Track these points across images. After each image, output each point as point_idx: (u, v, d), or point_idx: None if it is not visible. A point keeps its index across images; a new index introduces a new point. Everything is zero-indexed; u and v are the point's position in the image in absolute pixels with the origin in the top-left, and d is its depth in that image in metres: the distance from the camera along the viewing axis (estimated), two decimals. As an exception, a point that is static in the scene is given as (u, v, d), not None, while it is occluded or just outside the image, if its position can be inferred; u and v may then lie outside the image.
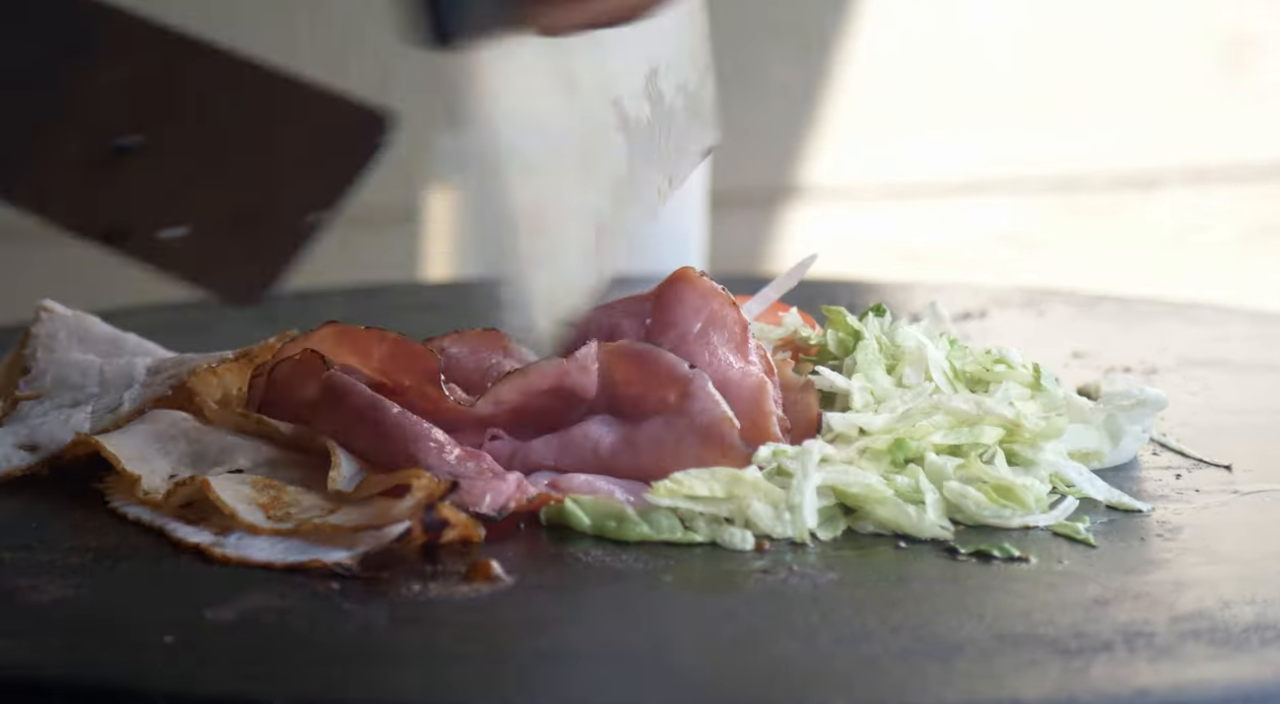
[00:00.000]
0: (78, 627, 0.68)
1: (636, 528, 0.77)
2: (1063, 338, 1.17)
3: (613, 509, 0.77)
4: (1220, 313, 1.25)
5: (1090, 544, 0.78)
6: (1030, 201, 2.18)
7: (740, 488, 0.78)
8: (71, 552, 0.75)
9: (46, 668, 0.64)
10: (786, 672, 0.65)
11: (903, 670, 0.65)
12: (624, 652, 0.67)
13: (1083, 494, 0.82)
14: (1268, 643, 0.67)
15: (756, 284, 0.94)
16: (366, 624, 0.68)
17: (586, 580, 0.73)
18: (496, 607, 0.70)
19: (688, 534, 0.77)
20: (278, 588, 0.71)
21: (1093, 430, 0.86)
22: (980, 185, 2.17)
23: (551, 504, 0.78)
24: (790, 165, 2.12)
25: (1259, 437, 0.94)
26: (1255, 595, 0.72)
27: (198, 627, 0.68)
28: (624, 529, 0.77)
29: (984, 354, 0.87)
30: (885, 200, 2.15)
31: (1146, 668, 0.65)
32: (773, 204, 2.11)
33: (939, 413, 0.83)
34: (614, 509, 0.77)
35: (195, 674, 0.64)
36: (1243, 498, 0.84)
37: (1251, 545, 0.78)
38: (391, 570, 0.73)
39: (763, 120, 2.09)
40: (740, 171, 2.06)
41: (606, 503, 0.78)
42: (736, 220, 2.07)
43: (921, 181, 2.16)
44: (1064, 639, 0.67)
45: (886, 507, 0.78)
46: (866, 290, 1.31)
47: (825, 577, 0.74)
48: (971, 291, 1.32)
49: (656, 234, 1.67)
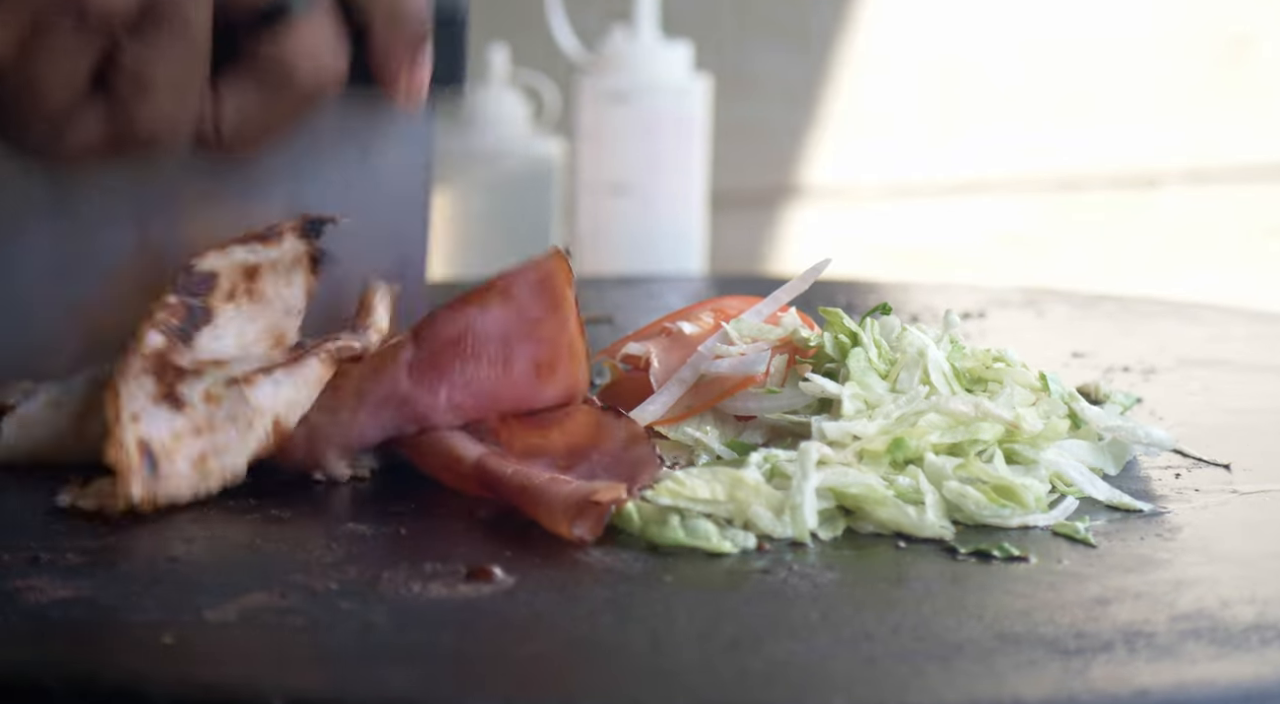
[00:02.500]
0: (78, 627, 0.68)
1: (674, 533, 0.76)
2: (1062, 338, 1.17)
3: (656, 514, 0.77)
4: (1220, 313, 1.25)
5: (1090, 544, 0.78)
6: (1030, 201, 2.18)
7: (742, 490, 0.78)
8: (71, 552, 0.75)
9: (46, 668, 0.64)
10: (786, 671, 0.65)
11: (903, 670, 0.65)
12: (624, 652, 0.67)
13: (1083, 494, 0.82)
14: (1268, 642, 0.67)
15: (757, 284, 0.94)
16: (366, 624, 0.68)
17: (586, 580, 0.73)
18: (497, 607, 0.70)
19: (720, 543, 0.76)
20: (278, 588, 0.71)
21: (1099, 451, 0.86)
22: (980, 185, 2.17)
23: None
24: (790, 165, 2.12)
25: (1259, 436, 0.94)
26: (1255, 595, 0.72)
27: (197, 627, 0.68)
28: (664, 533, 0.76)
29: (984, 353, 0.87)
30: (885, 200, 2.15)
31: (1146, 668, 0.65)
32: (773, 204, 2.11)
33: (935, 414, 0.83)
34: (658, 514, 0.77)
35: (195, 674, 0.64)
36: (1242, 497, 0.84)
37: (1251, 545, 0.78)
38: (392, 570, 0.73)
39: (763, 120, 2.09)
40: (740, 171, 2.06)
41: (652, 508, 0.77)
42: (736, 220, 2.07)
43: (921, 181, 2.16)
44: (1064, 639, 0.67)
45: (886, 507, 0.78)
46: (866, 290, 1.31)
47: (825, 576, 0.74)
48: (971, 291, 1.32)
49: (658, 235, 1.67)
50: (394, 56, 0.83)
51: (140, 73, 0.78)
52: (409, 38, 0.83)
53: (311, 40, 0.81)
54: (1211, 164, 2.20)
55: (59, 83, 0.77)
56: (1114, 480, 0.84)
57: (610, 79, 1.67)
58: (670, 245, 1.67)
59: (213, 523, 0.80)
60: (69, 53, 0.76)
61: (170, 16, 0.77)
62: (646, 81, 1.67)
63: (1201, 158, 2.20)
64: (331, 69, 0.82)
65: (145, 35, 0.77)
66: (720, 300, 0.94)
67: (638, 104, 1.66)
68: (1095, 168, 2.18)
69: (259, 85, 0.81)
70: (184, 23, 0.77)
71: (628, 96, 1.67)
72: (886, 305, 0.90)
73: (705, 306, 0.94)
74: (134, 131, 0.79)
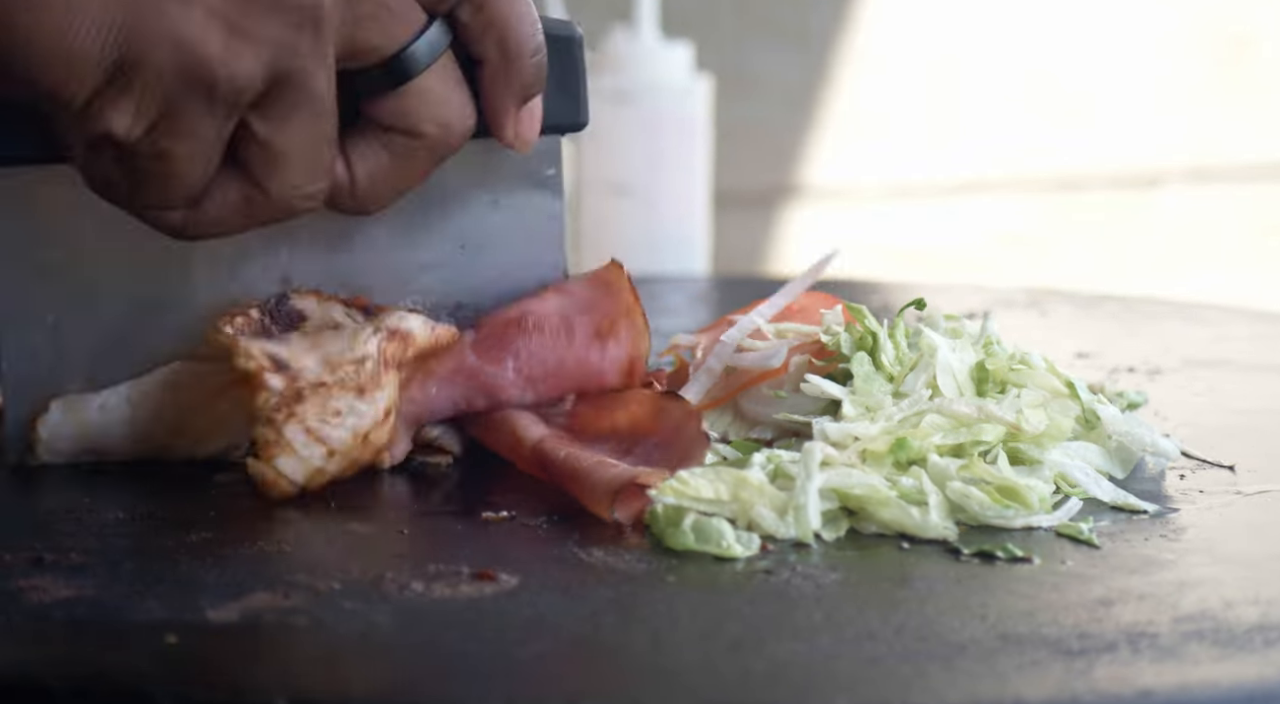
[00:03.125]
0: (79, 627, 0.68)
1: (684, 539, 0.76)
2: (1066, 338, 1.17)
3: (675, 515, 0.77)
4: (1223, 313, 1.25)
5: (1093, 545, 0.78)
6: (1031, 201, 2.18)
7: (746, 491, 0.78)
8: (72, 552, 0.75)
9: (49, 668, 0.64)
10: (789, 672, 0.65)
11: (906, 671, 0.65)
12: (626, 652, 0.67)
13: (1087, 495, 0.82)
14: (1271, 643, 0.67)
15: (758, 285, 0.94)
16: (368, 624, 0.68)
17: (588, 580, 0.73)
18: (498, 607, 0.70)
19: (731, 547, 0.76)
20: (280, 588, 0.71)
21: (1107, 454, 0.86)
22: (980, 185, 2.17)
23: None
24: (790, 165, 2.12)
25: (1262, 437, 0.94)
26: (1259, 596, 0.72)
27: (200, 627, 0.68)
28: (674, 537, 0.76)
29: (1008, 356, 0.87)
30: (885, 200, 2.15)
31: (1150, 668, 0.65)
32: (773, 204, 2.11)
33: (937, 415, 0.82)
34: (676, 515, 0.77)
35: (197, 674, 0.64)
36: (1246, 498, 0.84)
37: (1255, 546, 0.78)
38: (395, 570, 0.73)
39: (763, 120, 2.09)
40: (740, 171, 2.06)
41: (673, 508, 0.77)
42: (737, 220, 2.07)
43: (921, 181, 2.16)
44: (1067, 640, 0.67)
45: (890, 508, 0.78)
46: (866, 290, 1.31)
47: (828, 577, 0.74)
48: (974, 291, 1.32)
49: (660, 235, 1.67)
50: (504, 99, 0.83)
51: (270, 145, 0.78)
52: (520, 81, 0.82)
53: (435, 98, 0.81)
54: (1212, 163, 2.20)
55: (193, 162, 0.77)
56: (1118, 481, 0.84)
57: (611, 79, 1.67)
58: (673, 246, 1.67)
59: (215, 523, 0.80)
60: (201, 131, 0.76)
61: (297, 87, 0.77)
62: (647, 82, 1.67)
63: (1202, 157, 2.20)
64: (458, 124, 0.82)
65: (273, 109, 0.77)
66: None
67: (639, 104, 1.66)
68: (1096, 168, 2.18)
69: (388, 147, 0.81)
70: (310, 93, 0.77)
71: (629, 97, 1.66)
72: (921, 301, 0.90)
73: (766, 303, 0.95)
74: (269, 204, 0.79)
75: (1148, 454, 0.87)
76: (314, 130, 0.78)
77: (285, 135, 0.78)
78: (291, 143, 0.78)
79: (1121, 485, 0.84)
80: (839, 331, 0.87)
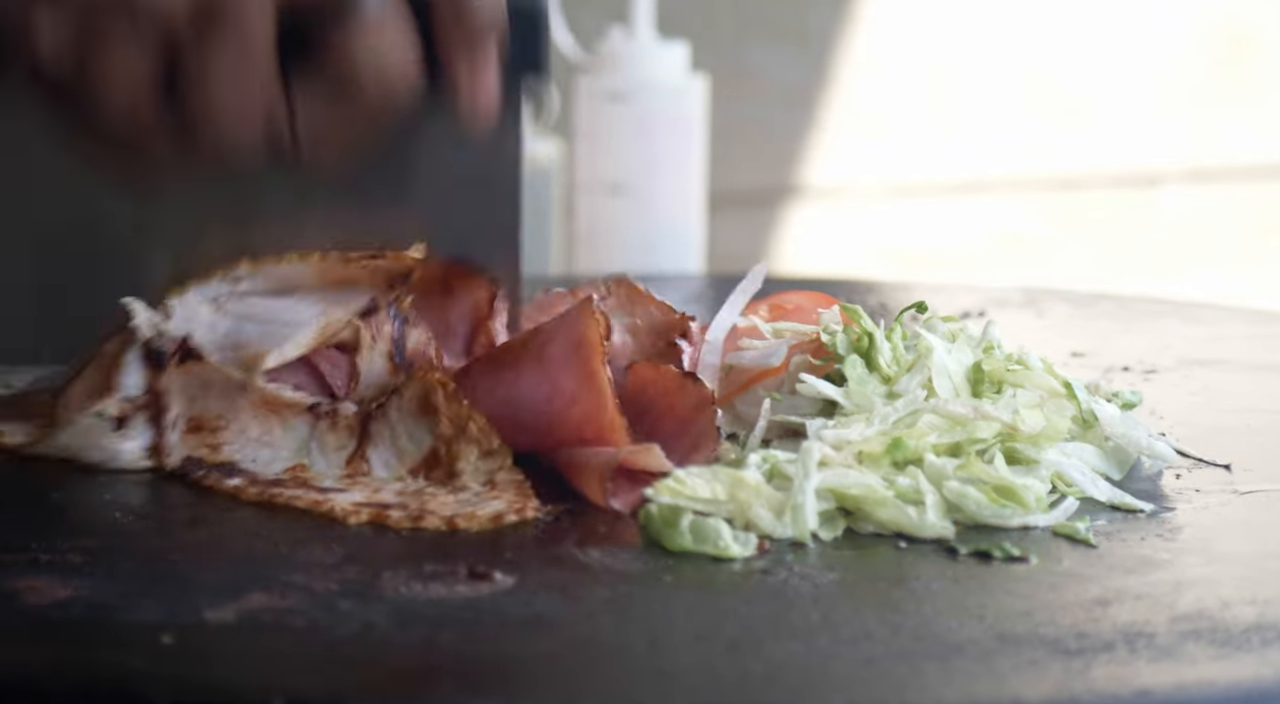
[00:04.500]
0: (77, 627, 0.68)
1: (681, 540, 0.76)
2: (1062, 337, 1.17)
3: (672, 515, 0.77)
4: (1220, 312, 1.25)
5: (1090, 544, 0.78)
6: (1030, 201, 2.18)
7: (743, 491, 0.78)
8: (71, 552, 0.75)
9: (46, 668, 0.64)
10: (786, 672, 0.65)
11: (903, 670, 0.65)
12: (623, 652, 0.67)
13: (1084, 494, 0.82)
14: (1268, 643, 0.67)
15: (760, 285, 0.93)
16: (365, 624, 0.68)
17: (586, 581, 0.73)
18: (496, 607, 0.70)
19: (729, 548, 0.76)
20: (277, 588, 0.71)
21: (1103, 455, 0.86)
22: (980, 185, 2.17)
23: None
24: (790, 165, 2.12)
25: (1259, 436, 0.94)
26: (1256, 595, 0.72)
27: (197, 627, 0.68)
28: (671, 538, 0.76)
29: (1005, 356, 0.87)
30: (885, 200, 2.15)
31: (1147, 668, 0.65)
32: (773, 204, 2.12)
33: (933, 415, 0.82)
34: (673, 515, 0.77)
35: (195, 675, 0.64)
36: (1243, 498, 0.84)
37: (1252, 545, 0.78)
38: (392, 570, 0.73)
39: (763, 120, 2.09)
40: (740, 171, 2.06)
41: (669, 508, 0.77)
42: (736, 220, 2.07)
43: (921, 181, 2.16)
44: (1065, 639, 0.67)
45: (886, 508, 0.78)
46: (866, 290, 1.31)
47: (825, 577, 0.74)
48: (969, 291, 1.32)
49: (656, 235, 1.67)
50: (456, 50, 0.82)
51: (200, 71, 0.78)
52: (472, 32, 0.82)
53: (377, 39, 0.80)
54: (1211, 163, 2.21)
55: (120, 82, 0.77)
56: (1114, 481, 0.84)
57: (608, 79, 1.67)
58: (668, 245, 1.67)
59: (212, 523, 0.80)
60: (126, 53, 0.76)
61: (225, 16, 0.77)
62: (644, 81, 1.67)
63: (1201, 157, 2.20)
64: (399, 68, 0.81)
65: (202, 37, 0.77)
66: (779, 296, 0.97)
67: (635, 104, 1.66)
68: (1095, 167, 2.19)
69: (328, 88, 0.81)
70: (239, 23, 0.77)
71: (625, 96, 1.67)
72: (923, 304, 0.90)
73: (763, 303, 0.96)
74: (200, 129, 0.79)
75: (1145, 456, 0.87)
76: (244, 63, 0.78)
77: (213, 66, 0.78)
78: (221, 75, 0.78)
79: (1118, 485, 0.84)
80: (836, 331, 0.87)
